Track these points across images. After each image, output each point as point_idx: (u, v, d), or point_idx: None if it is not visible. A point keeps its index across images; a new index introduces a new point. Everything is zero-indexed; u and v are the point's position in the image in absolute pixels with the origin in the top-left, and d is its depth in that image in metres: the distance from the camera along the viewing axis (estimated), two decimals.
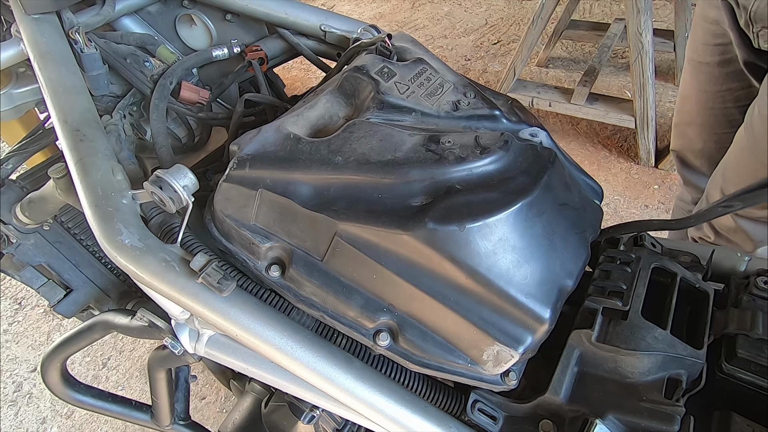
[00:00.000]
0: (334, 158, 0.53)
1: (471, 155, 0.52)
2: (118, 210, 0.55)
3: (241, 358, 0.62)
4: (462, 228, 0.47)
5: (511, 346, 0.49)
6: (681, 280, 0.57)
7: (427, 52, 0.68)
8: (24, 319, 1.98)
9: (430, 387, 0.57)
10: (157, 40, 0.84)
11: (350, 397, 0.53)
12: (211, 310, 0.53)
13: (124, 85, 0.79)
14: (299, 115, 0.61)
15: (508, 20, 3.52)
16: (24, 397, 1.76)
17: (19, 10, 0.74)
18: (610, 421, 0.48)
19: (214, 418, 1.68)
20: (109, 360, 1.85)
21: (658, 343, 0.50)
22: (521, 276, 0.49)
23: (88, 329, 0.75)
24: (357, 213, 0.50)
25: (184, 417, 0.86)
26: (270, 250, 0.55)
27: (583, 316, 0.55)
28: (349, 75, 0.63)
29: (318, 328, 0.57)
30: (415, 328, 0.52)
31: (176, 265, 0.53)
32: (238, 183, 0.54)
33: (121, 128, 0.72)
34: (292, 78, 3.10)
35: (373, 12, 3.77)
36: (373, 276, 0.51)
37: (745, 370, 0.50)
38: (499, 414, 0.54)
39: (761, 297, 0.55)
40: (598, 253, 0.63)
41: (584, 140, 2.53)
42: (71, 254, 1.05)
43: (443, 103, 0.61)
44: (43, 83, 0.68)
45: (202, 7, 0.90)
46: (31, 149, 1.02)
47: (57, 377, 0.81)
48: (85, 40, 0.73)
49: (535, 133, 0.60)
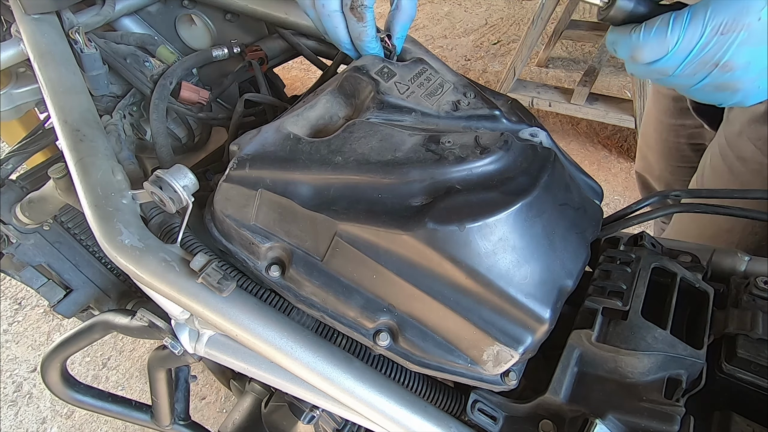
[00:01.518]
0: (334, 158, 0.53)
1: (471, 155, 0.52)
2: (118, 210, 0.55)
3: (241, 358, 0.62)
4: (462, 228, 0.47)
5: (511, 346, 0.49)
6: (681, 280, 0.57)
7: (427, 52, 0.68)
8: (24, 319, 1.98)
9: (430, 387, 0.57)
10: (157, 40, 0.84)
11: (350, 397, 0.53)
12: (211, 310, 0.53)
13: (124, 85, 0.79)
14: (299, 115, 0.61)
15: (508, 20, 3.53)
16: (24, 397, 1.76)
17: (19, 10, 0.74)
18: (610, 421, 0.48)
19: (214, 418, 1.68)
20: (109, 360, 1.85)
21: (658, 343, 0.50)
22: (521, 276, 0.49)
23: (88, 329, 0.75)
24: (357, 213, 0.50)
25: (184, 417, 0.86)
26: (270, 250, 0.55)
27: (583, 316, 0.55)
28: (349, 75, 0.63)
29: (318, 328, 0.57)
30: (415, 328, 0.52)
31: (176, 265, 0.53)
32: (238, 183, 0.54)
33: (121, 128, 0.72)
34: (292, 78, 3.10)
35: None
36: (373, 276, 0.51)
37: (745, 370, 0.50)
38: (499, 414, 0.54)
39: (761, 297, 0.55)
40: (598, 253, 0.63)
41: (584, 140, 2.53)
42: (71, 254, 1.05)
43: (443, 103, 0.61)
44: (43, 83, 0.68)
45: (202, 7, 0.90)
46: (31, 149, 1.02)
47: (57, 377, 0.81)
48: (85, 40, 0.73)
49: (535, 133, 0.60)
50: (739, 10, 0.42)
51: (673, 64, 0.47)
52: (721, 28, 0.43)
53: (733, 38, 0.43)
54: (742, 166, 0.86)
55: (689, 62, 0.46)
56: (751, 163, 0.84)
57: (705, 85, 0.47)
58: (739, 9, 0.42)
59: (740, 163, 0.86)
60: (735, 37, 0.43)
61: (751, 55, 0.44)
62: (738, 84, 0.46)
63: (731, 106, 0.49)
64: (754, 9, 0.42)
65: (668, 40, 0.45)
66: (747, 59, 0.44)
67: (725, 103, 0.49)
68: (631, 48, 0.48)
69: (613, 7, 0.49)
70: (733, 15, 0.42)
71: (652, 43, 0.46)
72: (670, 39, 0.45)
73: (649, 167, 1.32)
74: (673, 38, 0.45)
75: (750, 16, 0.42)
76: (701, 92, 0.49)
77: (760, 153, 0.82)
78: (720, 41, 0.43)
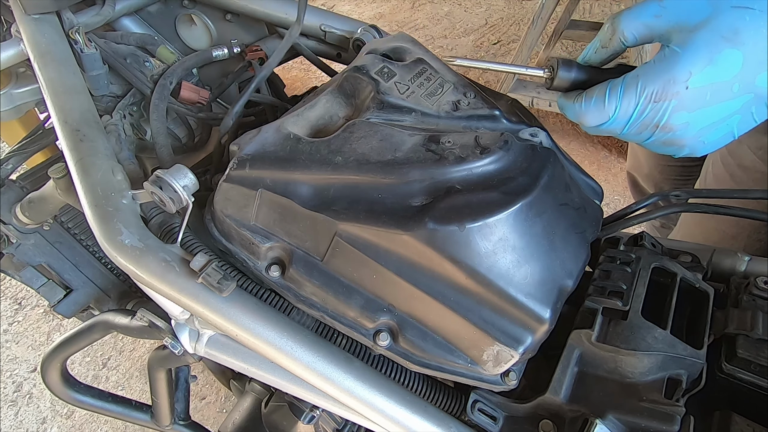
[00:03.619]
0: (334, 158, 0.53)
1: (471, 155, 0.52)
2: (118, 210, 0.55)
3: (241, 358, 0.62)
4: (462, 228, 0.47)
5: (511, 346, 0.49)
6: (681, 280, 0.57)
7: (427, 52, 0.68)
8: (24, 319, 1.98)
9: (430, 387, 0.57)
10: (157, 40, 0.84)
11: (350, 397, 0.53)
12: (211, 310, 0.53)
13: (124, 85, 0.79)
14: (299, 115, 0.61)
15: (508, 20, 3.52)
16: (24, 397, 1.76)
17: (19, 10, 0.74)
18: (610, 421, 0.48)
19: (214, 418, 1.68)
20: (109, 360, 1.85)
21: (658, 343, 0.50)
22: (521, 276, 0.49)
23: (88, 329, 0.75)
24: (357, 213, 0.50)
25: (184, 417, 0.86)
26: (270, 250, 0.55)
27: (583, 316, 0.55)
28: (349, 75, 0.63)
29: (318, 328, 0.57)
30: (415, 328, 0.52)
31: (176, 265, 0.53)
32: (238, 183, 0.54)
33: (121, 128, 0.72)
34: (292, 78, 3.10)
35: (373, 12, 3.76)
36: (373, 276, 0.51)
37: (745, 370, 0.50)
38: (499, 414, 0.54)
39: (761, 297, 0.55)
40: (598, 253, 0.63)
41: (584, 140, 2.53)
42: (71, 254, 1.05)
43: (443, 103, 0.61)
44: (43, 83, 0.68)
45: (202, 7, 0.90)
46: (31, 149, 1.02)
47: (57, 377, 0.81)
48: (85, 40, 0.73)
49: (535, 133, 0.60)
50: (666, 80, 0.45)
51: (617, 128, 0.50)
52: (654, 97, 0.46)
53: (666, 105, 0.46)
54: (744, 174, 0.86)
55: (631, 125, 0.49)
56: (752, 171, 0.84)
57: (654, 141, 0.50)
58: (666, 80, 0.45)
59: (741, 171, 0.86)
60: (668, 104, 0.46)
61: (688, 117, 0.46)
62: (682, 141, 0.49)
63: (684, 156, 0.51)
64: (680, 79, 0.45)
65: (607, 109, 0.49)
66: (684, 120, 0.47)
67: (677, 155, 0.52)
68: (576, 114, 0.52)
69: (555, 78, 0.53)
70: (662, 85, 0.46)
71: (593, 111, 0.50)
72: (609, 108, 0.48)
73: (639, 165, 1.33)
74: (611, 107, 0.48)
75: (677, 86, 0.45)
76: (653, 146, 0.51)
77: (760, 162, 0.82)
78: (655, 108, 0.47)
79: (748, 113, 0.47)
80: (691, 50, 0.45)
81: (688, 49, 0.45)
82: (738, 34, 0.44)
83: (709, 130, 0.48)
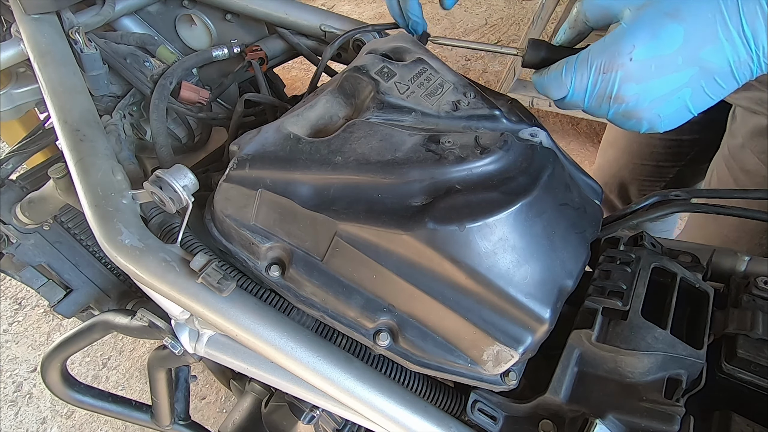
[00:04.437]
0: (334, 158, 0.53)
1: (471, 155, 0.52)
2: (118, 210, 0.55)
3: (241, 358, 0.62)
4: (462, 228, 0.47)
5: (511, 346, 0.49)
6: (681, 280, 0.57)
7: (427, 52, 0.68)
8: (24, 319, 1.98)
9: (430, 387, 0.57)
10: (157, 40, 0.84)
11: (350, 397, 0.53)
12: (211, 310, 0.53)
13: (124, 85, 0.79)
14: (299, 115, 0.61)
15: (508, 20, 3.52)
16: (24, 397, 1.76)
17: (19, 10, 0.74)
18: (610, 421, 0.48)
19: (214, 418, 1.69)
20: (109, 360, 1.86)
21: (658, 343, 0.50)
22: (521, 276, 0.49)
23: (88, 329, 0.75)
24: (357, 213, 0.50)
25: (184, 417, 0.86)
26: (270, 250, 0.55)
27: (583, 316, 0.55)
28: (349, 75, 0.63)
29: (318, 328, 0.57)
30: (415, 328, 0.52)
31: (176, 265, 0.53)
32: (238, 183, 0.54)
33: (121, 128, 0.72)
34: (292, 78, 3.10)
35: (373, 12, 3.76)
36: (373, 276, 0.51)
37: (745, 370, 0.50)
38: (499, 414, 0.54)
39: (761, 297, 0.55)
40: (598, 253, 0.63)
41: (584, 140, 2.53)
42: (71, 254, 1.05)
43: (443, 103, 0.61)
44: (43, 83, 0.68)
45: (202, 7, 0.90)
46: (31, 149, 1.02)
47: (57, 377, 0.81)
48: (85, 40, 0.73)
49: (535, 133, 0.60)
50: (612, 53, 0.49)
51: (578, 99, 0.54)
52: (602, 68, 0.50)
53: (614, 76, 0.50)
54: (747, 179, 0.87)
55: (589, 97, 0.53)
56: (755, 175, 0.85)
57: (614, 115, 0.53)
58: (612, 52, 0.49)
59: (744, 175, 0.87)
60: (615, 75, 0.50)
61: (637, 88, 0.50)
62: (638, 113, 0.52)
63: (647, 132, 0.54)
64: (625, 51, 0.49)
65: (564, 81, 0.53)
66: (634, 92, 0.50)
67: (641, 130, 0.54)
68: (543, 88, 0.57)
69: (525, 56, 0.59)
70: (609, 57, 0.50)
71: (554, 84, 0.55)
72: (566, 80, 0.53)
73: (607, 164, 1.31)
74: (568, 80, 0.53)
75: (622, 58, 0.49)
76: (617, 121, 0.55)
77: (763, 166, 0.83)
78: (605, 79, 0.51)
79: (698, 87, 0.49)
80: (636, 25, 0.48)
81: (633, 25, 0.49)
82: (679, 10, 0.47)
83: (660, 103, 0.51)
